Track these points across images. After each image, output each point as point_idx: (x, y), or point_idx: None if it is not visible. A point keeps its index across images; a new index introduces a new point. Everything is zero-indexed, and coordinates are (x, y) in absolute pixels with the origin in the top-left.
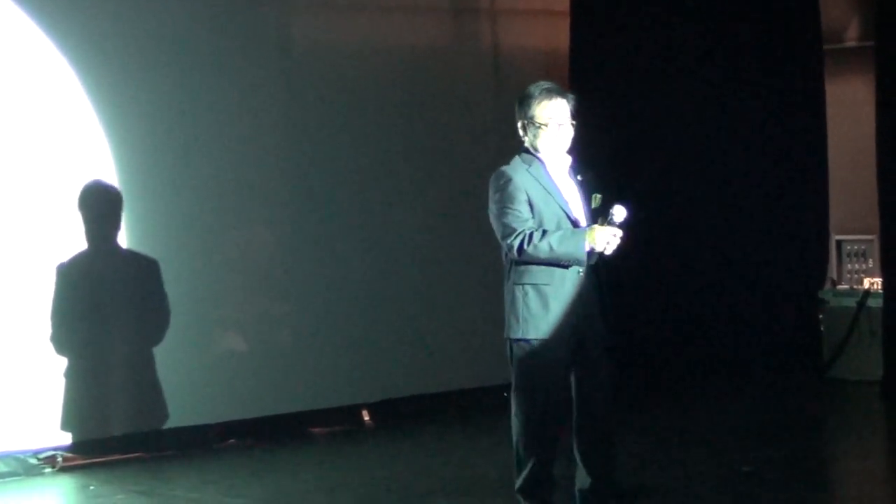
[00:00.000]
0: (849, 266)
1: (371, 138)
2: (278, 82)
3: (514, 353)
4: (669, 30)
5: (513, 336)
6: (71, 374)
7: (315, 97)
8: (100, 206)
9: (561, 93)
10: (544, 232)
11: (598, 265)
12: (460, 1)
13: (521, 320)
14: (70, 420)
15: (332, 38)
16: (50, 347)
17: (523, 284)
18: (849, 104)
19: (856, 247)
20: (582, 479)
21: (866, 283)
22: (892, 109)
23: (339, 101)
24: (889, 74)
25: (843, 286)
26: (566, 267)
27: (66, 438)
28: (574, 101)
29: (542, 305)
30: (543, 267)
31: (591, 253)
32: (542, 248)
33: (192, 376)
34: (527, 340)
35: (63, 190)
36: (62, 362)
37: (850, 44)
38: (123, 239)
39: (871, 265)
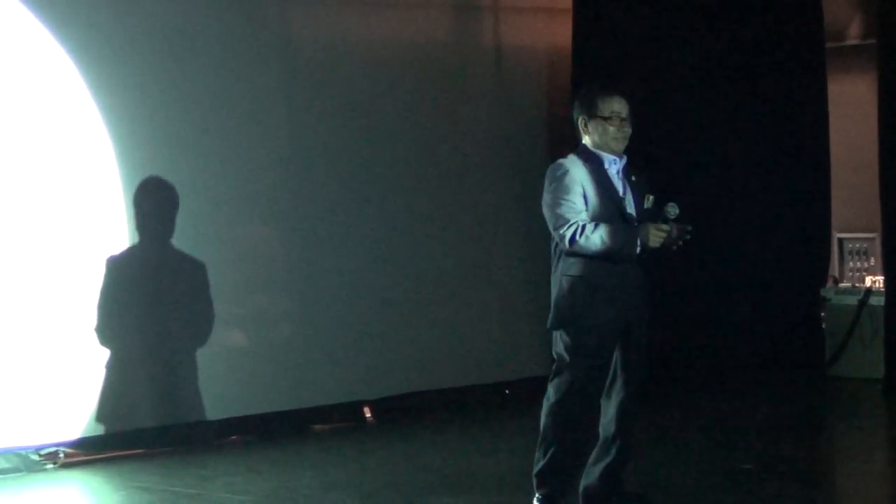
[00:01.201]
0: (850, 264)
1: (372, 134)
2: (280, 78)
3: (558, 343)
4: (672, 28)
5: (557, 326)
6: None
7: (317, 93)
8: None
9: (620, 91)
10: (597, 224)
11: (648, 263)
12: None
13: (567, 311)
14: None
15: (336, 34)
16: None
17: (571, 276)
18: (851, 102)
19: (857, 245)
20: (589, 475)
21: (868, 281)
22: (894, 107)
23: (342, 97)
24: (891, 72)
25: (845, 284)
26: (616, 262)
27: (68, 434)
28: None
29: (590, 298)
30: (593, 260)
31: (641, 249)
32: (594, 239)
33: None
34: (571, 332)
35: (62, 186)
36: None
37: (853, 42)
38: (125, 235)
39: (872, 263)
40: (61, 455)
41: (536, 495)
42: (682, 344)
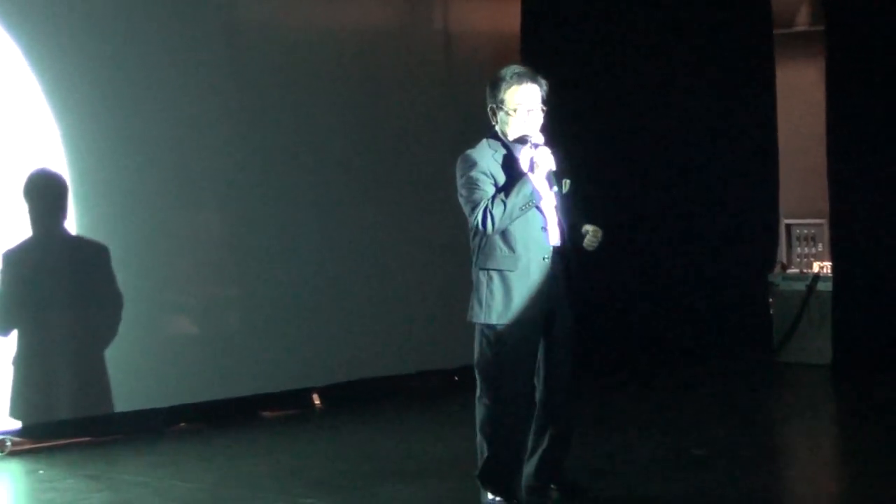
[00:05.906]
0: (798, 250)
1: (320, 121)
2: (226, 65)
3: (480, 338)
4: (620, 14)
5: (475, 320)
6: (19, 361)
7: (264, 80)
8: (46, 195)
9: (533, 78)
10: (493, 197)
11: (568, 250)
12: None
13: (484, 305)
14: (18, 406)
15: (281, 20)
16: None
17: (488, 269)
18: (799, 88)
19: (805, 231)
20: (529, 465)
21: (816, 267)
22: (841, 93)
23: (288, 84)
24: (838, 58)
25: (793, 270)
26: (532, 250)
27: (15, 423)
28: (546, 86)
29: (506, 293)
30: (507, 252)
31: (550, 182)
32: (497, 208)
33: (141, 360)
34: (491, 326)
35: (8, 176)
36: (11, 349)
37: (800, 28)
38: (72, 224)
39: (820, 249)
40: (8, 443)
41: (487, 496)
42: (630, 331)
